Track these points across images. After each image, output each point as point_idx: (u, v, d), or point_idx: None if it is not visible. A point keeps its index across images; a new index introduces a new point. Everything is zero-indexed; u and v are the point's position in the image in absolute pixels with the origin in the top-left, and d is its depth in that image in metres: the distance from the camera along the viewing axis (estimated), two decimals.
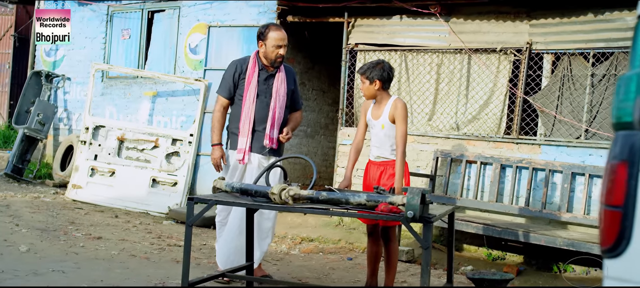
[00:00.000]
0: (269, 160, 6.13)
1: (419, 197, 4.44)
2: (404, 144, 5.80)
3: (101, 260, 6.70)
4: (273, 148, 6.20)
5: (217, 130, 6.30)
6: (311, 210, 4.81)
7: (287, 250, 8.26)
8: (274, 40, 6.11)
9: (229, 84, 6.29)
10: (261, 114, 6.17)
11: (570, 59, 8.07)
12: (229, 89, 6.30)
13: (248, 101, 6.17)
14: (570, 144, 7.93)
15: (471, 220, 7.77)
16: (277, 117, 6.19)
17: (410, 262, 7.92)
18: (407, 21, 9.19)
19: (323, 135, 12.08)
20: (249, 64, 6.26)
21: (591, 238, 7.09)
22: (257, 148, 6.19)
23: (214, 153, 6.30)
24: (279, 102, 6.21)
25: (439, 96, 8.95)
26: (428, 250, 4.54)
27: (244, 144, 6.16)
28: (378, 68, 5.91)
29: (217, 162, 6.29)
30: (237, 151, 6.18)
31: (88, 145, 10.84)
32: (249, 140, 6.16)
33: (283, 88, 6.24)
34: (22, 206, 9.16)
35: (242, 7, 10.83)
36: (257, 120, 6.17)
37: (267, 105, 6.17)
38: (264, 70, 6.23)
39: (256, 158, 6.19)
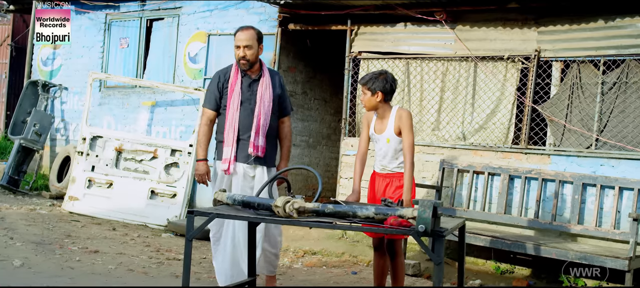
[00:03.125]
0: (255, 170, 5.96)
1: (430, 210, 4.22)
2: (412, 154, 5.60)
3: (98, 276, 6.51)
4: (259, 157, 5.96)
5: (203, 144, 6.10)
6: (317, 224, 4.59)
7: (290, 264, 8.04)
8: (235, 41, 5.97)
9: (214, 95, 6.09)
10: (245, 121, 5.96)
11: (580, 67, 7.87)
12: (214, 99, 6.09)
13: (232, 109, 5.98)
14: (581, 154, 7.72)
15: (479, 232, 7.54)
16: (262, 124, 5.95)
17: (417, 276, 7.71)
18: (411, 28, 8.99)
19: (325, 146, 11.87)
20: (231, 71, 6.07)
21: (603, 251, 6.88)
22: (242, 157, 5.97)
23: (198, 169, 6.13)
24: (264, 109, 5.96)
25: (445, 105, 8.74)
26: (440, 266, 4.32)
27: (228, 154, 5.96)
28: (380, 79, 5.71)
29: (203, 178, 6.12)
30: (222, 161, 5.99)
31: (85, 156, 10.64)
32: (234, 150, 5.95)
33: (268, 93, 6.00)
34: (18, 218, 8.97)
35: (243, 15, 10.64)
36: (242, 129, 5.97)
37: (251, 112, 5.95)
38: (247, 77, 6.03)
39: (241, 167, 5.97)
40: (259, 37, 6.00)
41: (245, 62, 5.93)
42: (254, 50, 5.93)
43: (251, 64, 5.96)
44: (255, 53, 5.95)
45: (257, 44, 5.95)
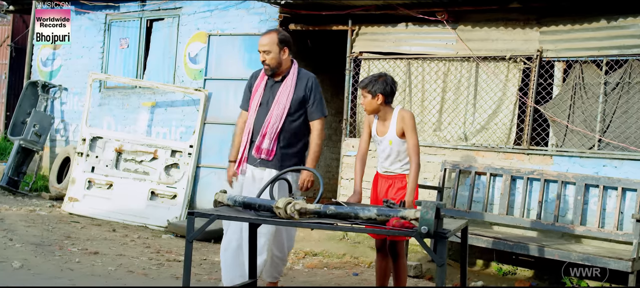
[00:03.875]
0: (263, 172, 5.84)
1: (433, 211, 4.17)
2: (417, 155, 5.55)
3: (97, 277, 6.46)
4: (266, 160, 5.85)
5: (234, 145, 6.08)
6: (319, 226, 4.53)
7: (291, 265, 7.98)
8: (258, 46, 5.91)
9: (246, 95, 6.09)
10: (259, 123, 5.88)
11: (583, 67, 7.83)
12: (245, 99, 6.09)
13: (251, 110, 5.95)
14: (583, 155, 7.67)
15: (481, 233, 7.48)
16: (271, 125, 5.81)
17: (419, 277, 7.66)
18: (412, 29, 8.94)
19: (326, 146, 11.82)
20: (260, 72, 6.02)
21: (606, 252, 6.84)
22: (251, 159, 5.92)
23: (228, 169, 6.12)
24: (277, 111, 5.82)
25: (446, 105, 8.69)
26: (443, 268, 4.27)
27: (240, 155, 5.93)
28: (380, 81, 5.66)
29: (229, 179, 6.08)
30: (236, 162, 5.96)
31: (85, 156, 10.59)
32: (245, 151, 5.91)
33: (286, 95, 5.85)
34: (17, 220, 8.92)
35: (243, 15, 10.60)
36: (255, 130, 5.89)
37: (266, 114, 5.86)
38: (271, 79, 5.94)
39: (249, 169, 5.92)
40: (281, 41, 5.85)
41: (267, 66, 5.85)
42: (273, 55, 5.79)
43: (273, 68, 5.85)
44: (276, 57, 5.81)
45: (277, 48, 5.80)
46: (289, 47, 5.92)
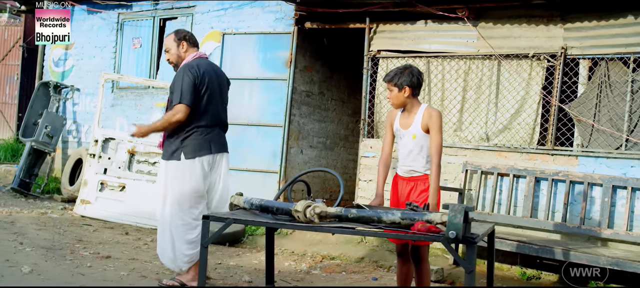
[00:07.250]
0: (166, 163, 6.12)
1: (462, 215, 3.96)
2: (439, 156, 5.32)
3: (109, 282, 6.26)
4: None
5: None
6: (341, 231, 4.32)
7: (308, 269, 7.76)
8: None
9: None
10: None
11: (609, 65, 7.58)
12: None
13: None
14: (610, 155, 7.41)
15: (505, 237, 7.24)
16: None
17: (440, 282, 7.42)
18: (432, 26, 8.71)
19: (343, 147, 11.61)
20: None
21: (636, 257, 6.58)
22: None
23: None
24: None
25: (467, 105, 8.45)
26: (472, 274, 4.06)
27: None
28: (406, 73, 5.44)
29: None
30: None
31: (97, 158, 10.41)
32: None
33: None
34: (28, 223, 8.75)
35: (258, 14, 10.41)
36: None
37: None
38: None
39: None
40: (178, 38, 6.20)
41: (170, 63, 6.32)
42: (172, 51, 6.20)
43: (174, 64, 6.24)
44: (175, 53, 6.19)
45: (175, 44, 6.19)
46: (186, 40, 6.19)
